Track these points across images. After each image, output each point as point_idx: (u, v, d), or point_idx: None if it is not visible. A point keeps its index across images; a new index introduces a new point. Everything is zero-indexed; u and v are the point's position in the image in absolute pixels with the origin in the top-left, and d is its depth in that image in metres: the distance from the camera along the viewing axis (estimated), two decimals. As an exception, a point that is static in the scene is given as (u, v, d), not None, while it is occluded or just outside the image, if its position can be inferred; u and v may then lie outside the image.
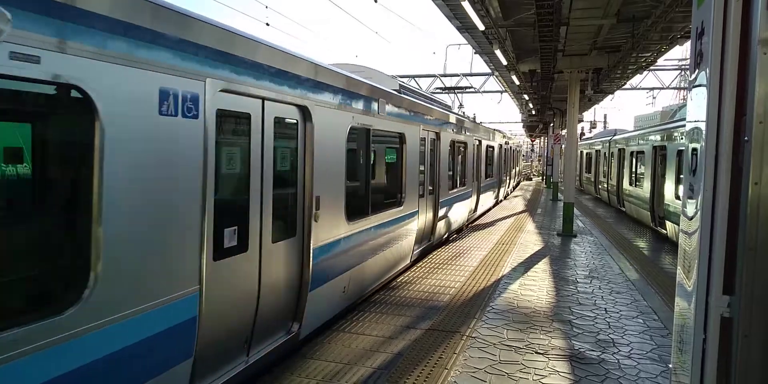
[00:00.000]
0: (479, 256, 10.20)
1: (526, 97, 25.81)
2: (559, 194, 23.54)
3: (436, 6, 11.83)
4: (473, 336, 5.73)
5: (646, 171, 15.23)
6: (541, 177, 44.85)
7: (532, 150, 67.65)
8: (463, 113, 24.32)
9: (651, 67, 22.55)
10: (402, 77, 22.70)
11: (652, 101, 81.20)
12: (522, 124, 49.45)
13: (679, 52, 37.31)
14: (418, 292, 7.46)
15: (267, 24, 16.74)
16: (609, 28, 12.40)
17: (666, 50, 15.09)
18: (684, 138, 2.88)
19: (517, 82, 19.15)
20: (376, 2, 13.38)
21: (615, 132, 24.43)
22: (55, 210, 3.12)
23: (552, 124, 32.37)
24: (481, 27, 10.84)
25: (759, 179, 1.77)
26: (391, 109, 7.65)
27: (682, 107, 17.21)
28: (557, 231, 13.84)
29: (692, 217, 2.10)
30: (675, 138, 12.62)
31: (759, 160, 1.77)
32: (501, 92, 32.52)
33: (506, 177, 24.73)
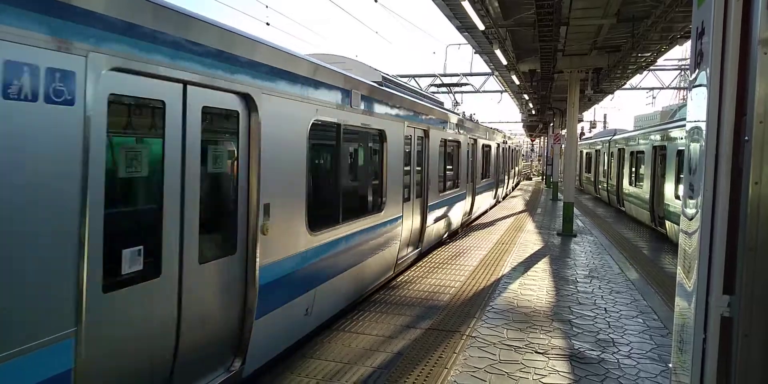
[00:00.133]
0: (479, 256, 10.20)
1: (526, 97, 25.81)
2: (559, 194, 23.54)
3: (436, 6, 11.83)
4: (473, 335, 5.74)
5: (646, 171, 15.23)
6: (541, 177, 44.86)
7: (532, 150, 67.69)
8: (462, 112, 23.66)
9: (651, 67, 22.56)
10: (402, 77, 22.68)
11: (652, 101, 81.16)
12: (522, 124, 49.47)
13: (679, 52, 37.38)
14: (418, 292, 7.46)
15: (267, 24, 16.76)
16: (609, 28, 12.40)
17: (666, 50, 15.09)
18: (684, 138, 2.88)
19: (517, 82, 19.16)
20: (377, 2, 13.38)
21: (615, 132, 24.44)
22: None
23: (552, 124, 32.38)
24: (481, 27, 10.84)
25: (759, 179, 1.78)
26: (369, 103, 6.77)
27: (682, 107, 17.22)
28: (557, 231, 13.84)
29: (692, 217, 2.10)
30: (675, 138, 12.62)
31: (759, 160, 1.78)
32: (501, 92, 32.53)
33: (505, 177, 24.19)
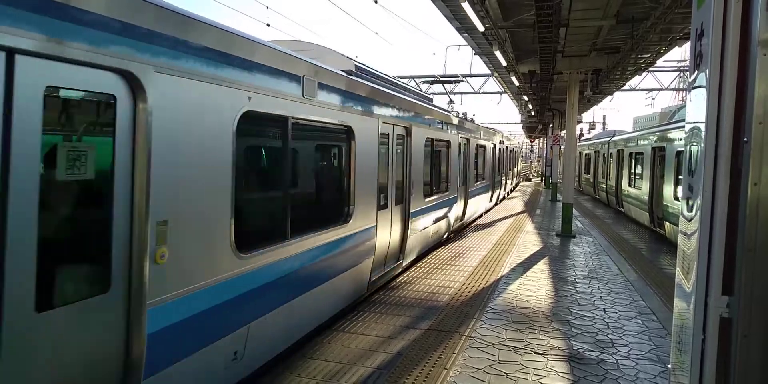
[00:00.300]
0: (478, 257, 10.20)
1: (526, 98, 25.83)
2: (558, 195, 23.56)
3: (436, 7, 11.84)
4: (472, 336, 5.74)
5: (645, 172, 15.25)
6: (540, 178, 44.89)
7: (531, 151, 67.75)
8: (456, 111, 22.68)
9: (650, 69, 22.58)
10: (402, 78, 22.66)
11: (651, 102, 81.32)
12: (521, 125, 49.49)
13: (678, 54, 37.54)
14: (418, 292, 7.46)
15: (267, 25, 16.74)
16: (608, 30, 12.42)
17: (665, 51, 15.11)
18: (683, 139, 2.88)
19: (517, 83, 19.17)
20: (377, 3, 13.40)
21: (614, 133, 24.46)
22: None
23: (551, 125, 32.41)
24: (481, 28, 10.85)
25: (758, 180, 1.78)
26: (330, 94, 5.65)
27: (681, 108, 17.24)
28: (556, 231, 13.85)
29: (691, 218, 2.11)
30: (674, 139, 12.64)
31: (758, 161, 1.78)
32: (500, 93, 32.55)
33: (503, 179, 23.23)
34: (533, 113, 32.09)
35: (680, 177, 11.27)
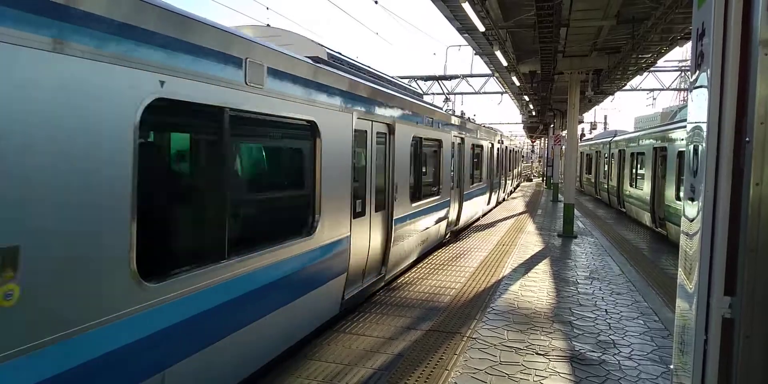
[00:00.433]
0: (479, 257, 10.19)
1: (527, 98, 25.83)
2: (560, 195, 23.55)
3: (437, 7, 11.85)
4: (474, 337, 5.73)
5: (647, 172, 15.24)
6: (541, 178, 44.87)
7: (533, 151, 67.75)
8: (452, 109, 21.44)
9: (651, 69, 22.58)
10: (403, 78, 22.64)
11: (653, 102, 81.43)
12: (522, 125, 49.49)
13: (679, 54, 37.55)
14: (419, 293, 7.46)
15: (268, 25, 16.77)
16: (609, 30, 12.42)
17: (666, 51, 15.11)
18: (684, 139, 2.88)
19: (518, 83, 19.17)
20: (377, 3, 13.40)
21: (615, 133, 24.46)
22: None
23: (552, 125, 32.40)
24: (482, 28, 10.85)
25: (760, 180, 1.77)
26: (287, 82, 4.83)
27: (683, 108, 17.23)
28: (557, 232, 13.84)
29: (693, 219, 2.10)
30: (675, 139, 12.63)
31: (760, 161, 1.77)
32: (501, 93, 32.55)
33: (502, 180, 22.52)
34: (534, 113, 32.10)
35: (682, 177, 11.26)
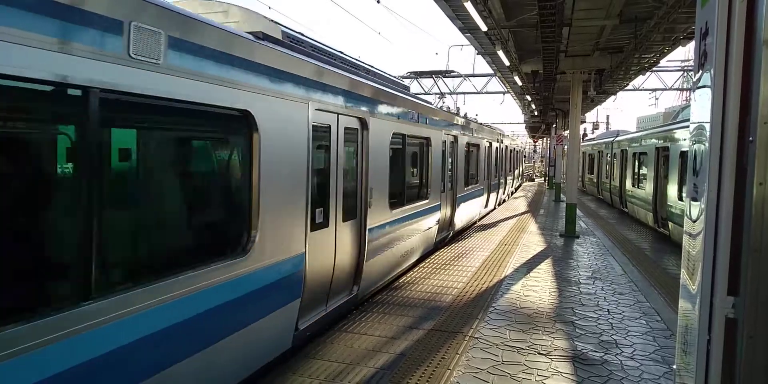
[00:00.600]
0: (482, 257, 10.19)
1: (529, 98, 25.81)
2: (562, 195, 23.52)
3: (439, 7, 11.84)
4: (476, 336, 5.73)
5: (649, 172, 15.23)
6: (544, 178, 44.84)
7: (535, 151, 67.72)
8: (446, 105, 18.42)
9: (654, 68, 22.53)
10: (405, 78, 22.62)
11: (655, 102, 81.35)
12: (524, 125, 49.46)
13: (682, 53, 37.48)
14: (421, 293, 7.45)
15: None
16: (612, 29, 12.40)
17: (669, 51, 15.08)
18: (687, 139, 2.88)
19: (520, 83, 19.15)
20: (379, 3, 13.40)
21: (617, 133, 24.45)
22: None
23: (554, 125, 32.38)
24: (484, 28, 10.84)
25: (764, 179, 1.77)
26: (203, 59, 3.67)
27: (685, 108, 17.20)
28: (560, 232, 13.82)
29: (696, 219, 2.09)
30: (678, 139, 12.61)
31: (763, 161, 1.77)
32: (503, 93, 32.51)
33: (502, 181, 21.57)
34: (536, 113, 32.06)
35: (684, 177, 11.24)
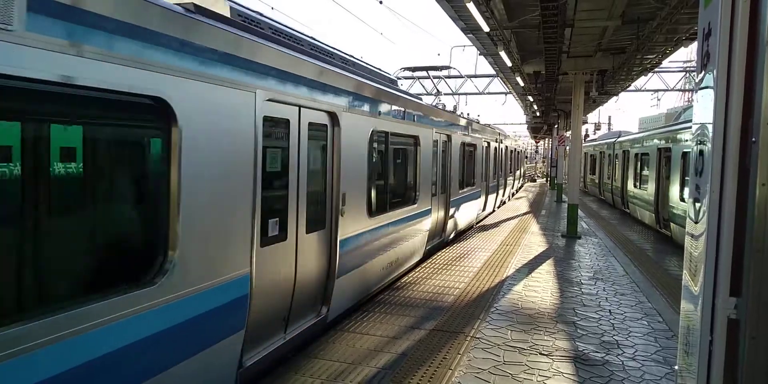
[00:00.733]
0: (483, 258, 10.19)
1: (531, 99, 25.79)
2: (563, 196, 23.51)
3: (441, 8, 11.84)
4: (477, 337, 5.73)
5: (651, 173, 15.21)
6: (545, 178, 44.80)
7: (537, 151, 67.69)
8: (443, 103, 17.81)
9: (656, 69, 22.49)
10: (406, 79, 22.61)
11: (657, 103, 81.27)
12: (526, 126, 49.42)
13: (684, 54, 37.43)
14: (422, 293, 7.46)
15: None
16: (614, 30, 12.38)
17: (671, 52, 15.06)
18: (689, 140, 2.87)
19: (522, 84, 19.16)
20: (381, 3, 13.41)
21: (619, 134, 24.44)
22: None
23: (556, 126, 32.33)
24: (486, 28, 10.84)
25: (766, 180, 1.76)
26: (84, 28, 2.73)
27: (687, 109, 17.18)
28: (561, 232, 13.81)
29: (698, 220, 2.09)
30: (680, 140, 12.59)
31: (766, 162, 1.76)
32: (505, 94, 32.49)
33: (501, 182, 20.79)
34: (538, 114, 32.04)
35: (686, 178, 11.23)
